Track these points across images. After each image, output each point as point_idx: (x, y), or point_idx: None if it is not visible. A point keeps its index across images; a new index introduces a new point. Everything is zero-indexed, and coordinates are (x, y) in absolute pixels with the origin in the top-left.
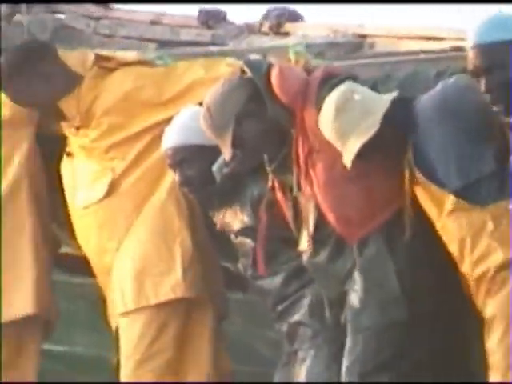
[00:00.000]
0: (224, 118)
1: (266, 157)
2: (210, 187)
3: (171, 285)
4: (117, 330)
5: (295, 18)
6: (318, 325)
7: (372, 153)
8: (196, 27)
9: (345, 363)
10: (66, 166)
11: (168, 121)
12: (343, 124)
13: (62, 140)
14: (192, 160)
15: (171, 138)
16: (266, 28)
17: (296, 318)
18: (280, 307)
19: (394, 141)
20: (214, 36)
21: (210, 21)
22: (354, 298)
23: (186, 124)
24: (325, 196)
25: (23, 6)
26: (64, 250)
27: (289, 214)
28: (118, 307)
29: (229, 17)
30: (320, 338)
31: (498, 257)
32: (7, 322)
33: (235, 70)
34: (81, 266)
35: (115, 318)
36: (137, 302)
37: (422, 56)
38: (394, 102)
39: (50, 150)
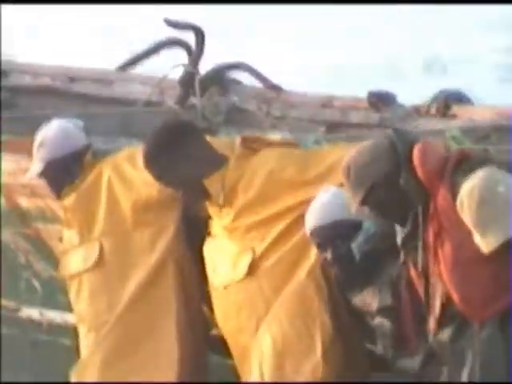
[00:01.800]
0: (364, 177)
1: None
2: (351, 266)
3: (312, 365)
4: None
5: (464, 100)
6: None
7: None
8: (365, 109)
9: None
10: (208, 247)
11: (309, 201)
12: (485, 216)
13: (206, 221)
14: (346, 236)
15: (320, 216)
16: (433, 110)
17: None
18: None
19: None
20: (381, 118)
21: (379, 103)
22: (464, 375)
23: (333, 201)
24: (450, 276)
25: (196, 89)
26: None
27: (420, 289)
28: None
29: (398, 99)
30: None
31: None
32: None
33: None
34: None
35: None
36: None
37: None
38: None
39: (194, 232)
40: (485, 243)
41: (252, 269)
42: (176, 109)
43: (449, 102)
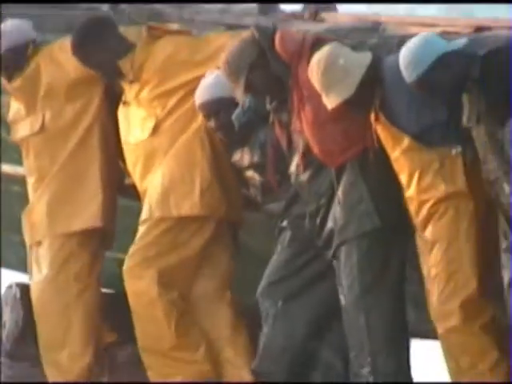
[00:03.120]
0: (239, 67)
1: (268, 102)
2: (231, 132)
3: (190, 204)
4: None
5: (330, 9)
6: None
7: (348, 103)
8: (257, 14)
9: (344, 280)
10: (122, 113)
11: (199, 78)
12: (328, 80)
13: (120, 93)
14: (228, 109)
15: (206, 93)
16: (307, 16)
17: (284, 224)
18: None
19: (366, 93)
20: (267, 21)
21: (267, 10)
22: (338, 215)
23: (216, 81)
24: (312, 132)
25: None
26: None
27: (283, 144)
28: (144, 215)
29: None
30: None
31: (440, 189)
32: (76, 231)
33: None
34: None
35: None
36: (161, 212)
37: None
38: (368, 67)
39: (112, 102)
40: (329, 102)
41: (155, 130)
42: (109, 12)
43: (318, 9)
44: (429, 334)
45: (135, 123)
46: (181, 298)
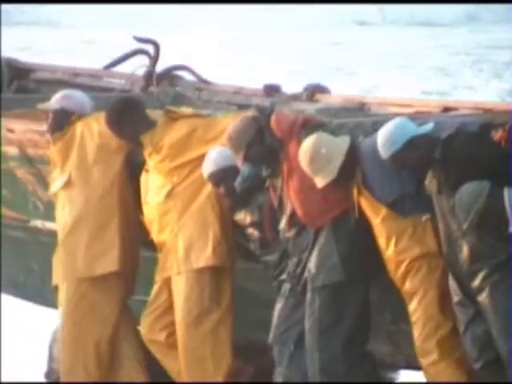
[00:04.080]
0: (240, 141)
1: (264, 170)
2: (235, 196)
3: (206, 256)
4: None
5: (324, 90)
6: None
7: (332, 182)
8: (263, 95)
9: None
10: (143, 179)
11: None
12: (314, 168)
13: (143, 162)
14: (231, 178)
15: (212, 164)
16: (304, 97)
17: (283, 277)
18: (276, 272)
19: (346, 172)
20: (271, 101)
21: (272, 92)
22: (312, 267)
23: (220, 155)
24: (296, 198)
25: (154, 82)
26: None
27: (276, 204)
28: (172, 268)
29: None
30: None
31: (415, 251)
32: (96, 276)
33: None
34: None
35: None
36: (185, 267)
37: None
38: (346, 152)
39: (133, 169)
40: (317, 183)
41: (170, 194)
42: (140, 94)
43: (314, 91)
44: (401, 365)
45: (153, 188)
46: None
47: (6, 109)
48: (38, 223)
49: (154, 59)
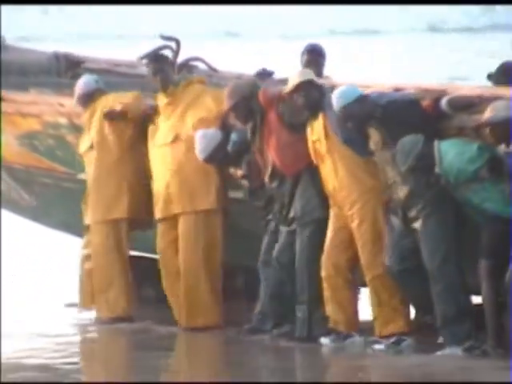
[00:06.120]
0: (235, 93)
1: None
2: (228, 157)
3: (209, 201)
4: None
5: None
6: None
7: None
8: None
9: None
10: (152, 130)
11: (213, 114)
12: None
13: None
14: (224, 145)
15: (203, 151)
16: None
17: (269, 217)
18: (263, 213)
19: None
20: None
21: (265, 76)
22: (298, 209)
23: (207, 138)
24: (275, 153)
25: (175, 69)
26: None
27: (260, 161)
28: (179, 208)
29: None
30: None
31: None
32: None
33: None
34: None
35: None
36: (190, 207)
37: None
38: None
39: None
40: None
41: (174, 138)
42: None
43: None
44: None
45: (163, 134)
46: None
47: (61, 90)
48: (82, 176)
49: (176, 52)
